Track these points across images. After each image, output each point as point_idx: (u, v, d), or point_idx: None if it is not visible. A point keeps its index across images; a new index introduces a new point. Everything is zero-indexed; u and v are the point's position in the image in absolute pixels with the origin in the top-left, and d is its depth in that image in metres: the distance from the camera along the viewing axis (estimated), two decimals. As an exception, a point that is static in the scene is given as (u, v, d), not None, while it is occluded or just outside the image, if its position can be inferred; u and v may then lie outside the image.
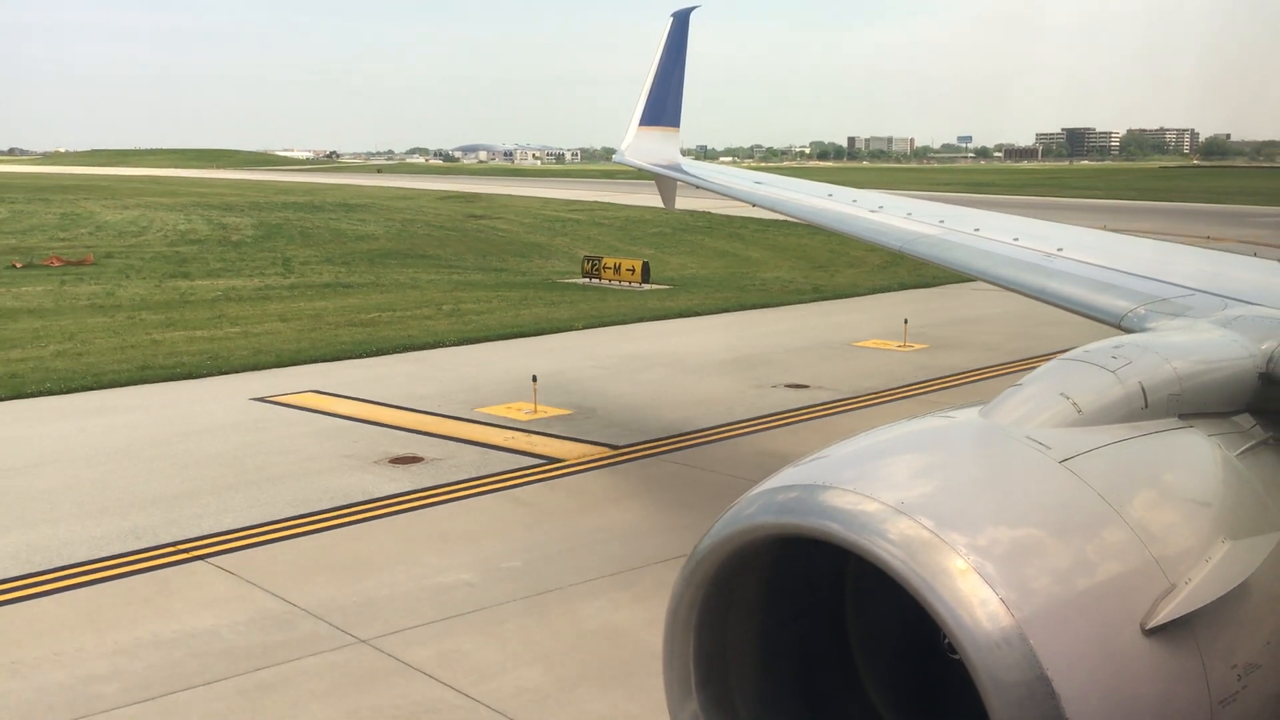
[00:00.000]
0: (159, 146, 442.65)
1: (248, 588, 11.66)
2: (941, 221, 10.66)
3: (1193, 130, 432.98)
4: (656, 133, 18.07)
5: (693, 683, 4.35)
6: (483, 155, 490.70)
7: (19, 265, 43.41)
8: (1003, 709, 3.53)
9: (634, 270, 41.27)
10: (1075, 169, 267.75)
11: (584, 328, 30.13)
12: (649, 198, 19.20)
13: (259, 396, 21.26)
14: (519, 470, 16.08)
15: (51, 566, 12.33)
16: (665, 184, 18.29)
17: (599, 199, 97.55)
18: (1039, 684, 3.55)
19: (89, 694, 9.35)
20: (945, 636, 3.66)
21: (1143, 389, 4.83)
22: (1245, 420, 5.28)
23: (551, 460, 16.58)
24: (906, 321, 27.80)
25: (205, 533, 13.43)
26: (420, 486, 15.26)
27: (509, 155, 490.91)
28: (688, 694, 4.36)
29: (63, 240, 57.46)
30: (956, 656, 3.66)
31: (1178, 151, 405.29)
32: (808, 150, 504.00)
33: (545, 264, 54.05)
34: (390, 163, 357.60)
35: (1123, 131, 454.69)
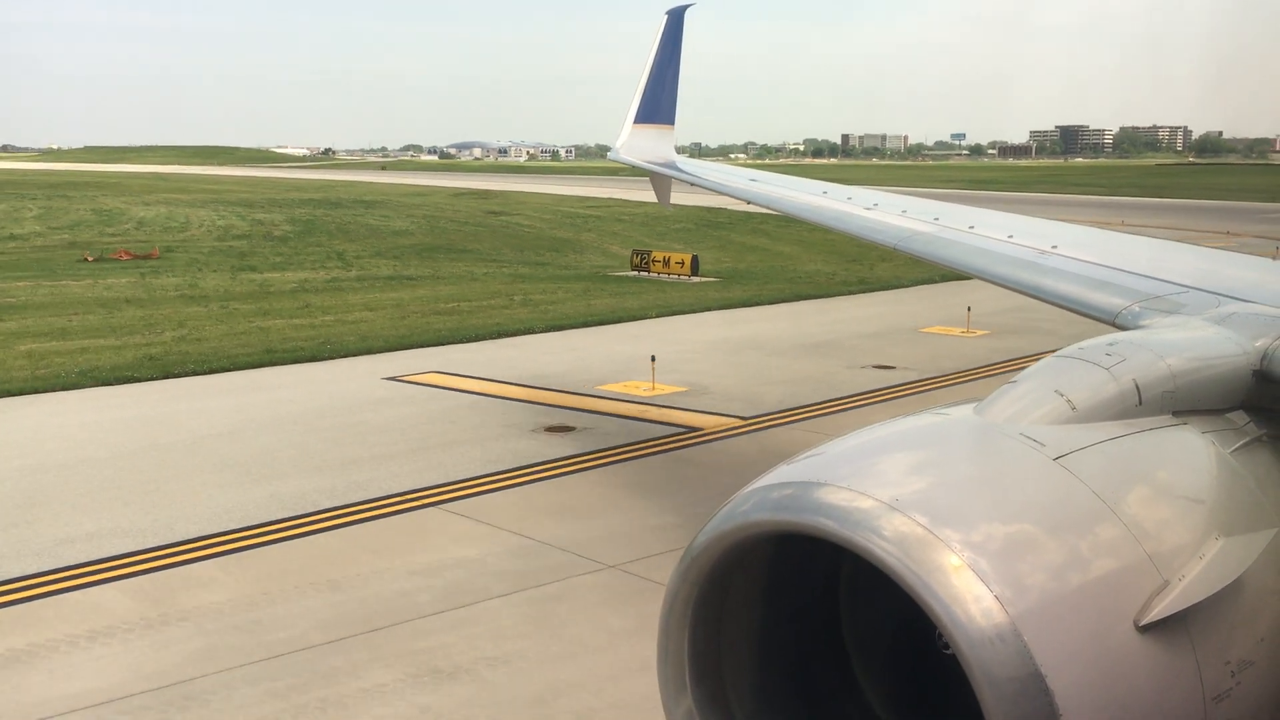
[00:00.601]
0: (152, 144, 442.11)
1: (487, 528, 13.55)
2: (936, 219, 10.70)
3: (1186, 128, 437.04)
4: (651, 130, 18.20)
5: (687, 679, 4.40)
6: (477, 153, 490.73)
7: (90, 259, 45.15)
8: (996, 705, 3.57)
9: (683, 263, 43.13)
10: (1071, 166, 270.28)
11: (657, 316, 32.02)
12: (682, 197, 20.22)
13: (390, 376, 23.10)
14: (669, 437, 17.96)
15: (306, 511, 14.20)
16: (660, 181, 18.59)
17: (611, 195, 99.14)
18: (1033, 680, 3.58)
19: (406, 603, 11.24)
20: (940, 633, 3.70)
21: (1137, 386, 4.86)
22: (1239, 417, 5.32)
23: (693, 429, 18.47)
24: (970, 309, 29.73)
25: (423, 485, 15.29)
26: (583, 450, 17.14)
27: (504, 153, 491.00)
28: (682, 690, 4.41)
29: (111, 235, 58.96)
30: (951, 653, 3.70)
31: (1170, 149, 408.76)
32: (802, 148, 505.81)
33: (581, 258, 55.80)
34: (392, 160, 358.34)
35: (1116, 129, 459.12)
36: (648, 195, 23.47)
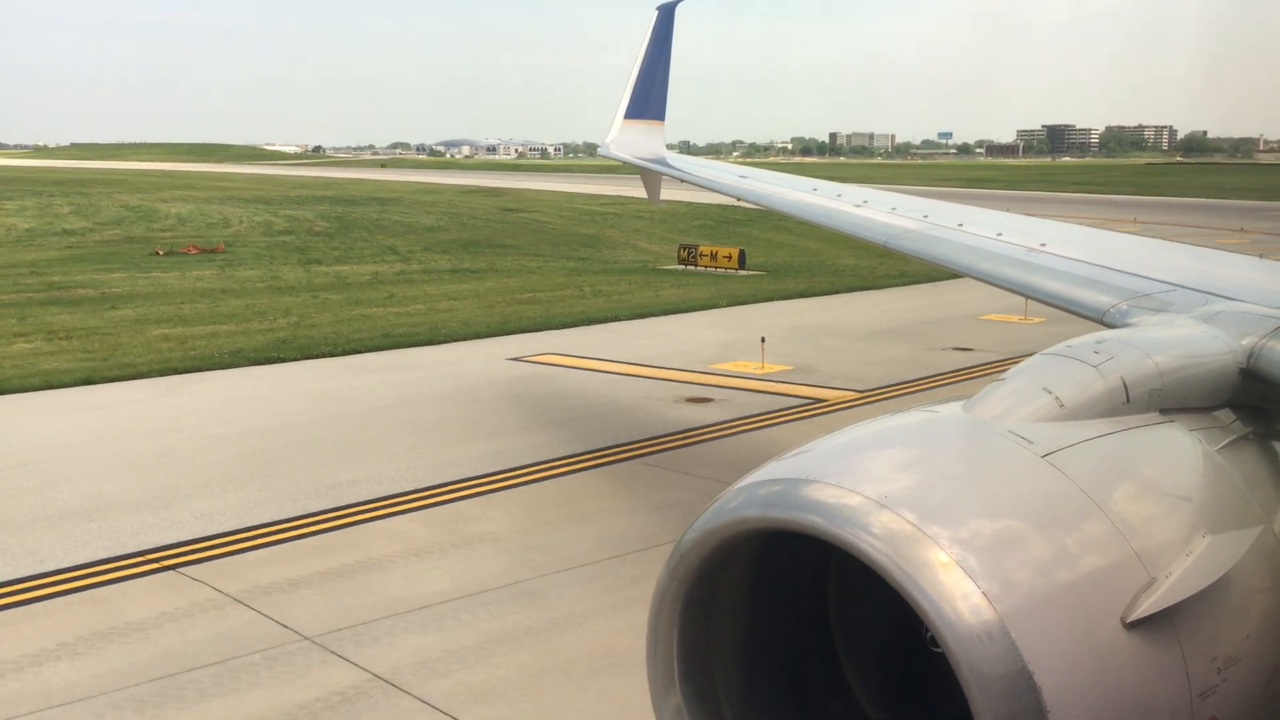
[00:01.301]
0: (138, 141, 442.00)
1: (685, 476, 15.77)
2: (925, 216, 10.71)
3: (1171, 127, 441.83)
4: (642, 126, 18.28)
5: (676, 675, 4.43)
6: (466, 150, 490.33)
7: (161, 253, 47.13)
8: (984, 702, 3.60)
9: (730, 257, 45.39)
10: (1061, 165, 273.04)
11: (727, 305, 34.26)
12: (672, 193, 21.63)
13: (513, 357, 25.27)
14: (799, 406, 20.20)
15: (523, 464, 16.38)
16: (650, 177, 18.74)
17: (620, 193, 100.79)
18: (1020, 677, 3.61)
19: (650, 531, 13.43)
20: (928, 629, 3.72)
21: (1124, 384, 4.90)
22: (1226, 415, 5.36)
23: (818, 400, 20.72)
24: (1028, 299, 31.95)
25: (612, 443, 17.48)
26: (732, 417, 19.34)
27: (492, 150, 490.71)
28: (671, 686, 4.44)
29: (162, 231, 60.79)
30: (939, 649, 3.73)
31: (1156, 148, 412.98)
32: (790, 146, 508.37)
33: (616, 254, 57.87)
34: (387, 158, 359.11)
35: (1102, 128, 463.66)
36: (688, 194, 25.13)
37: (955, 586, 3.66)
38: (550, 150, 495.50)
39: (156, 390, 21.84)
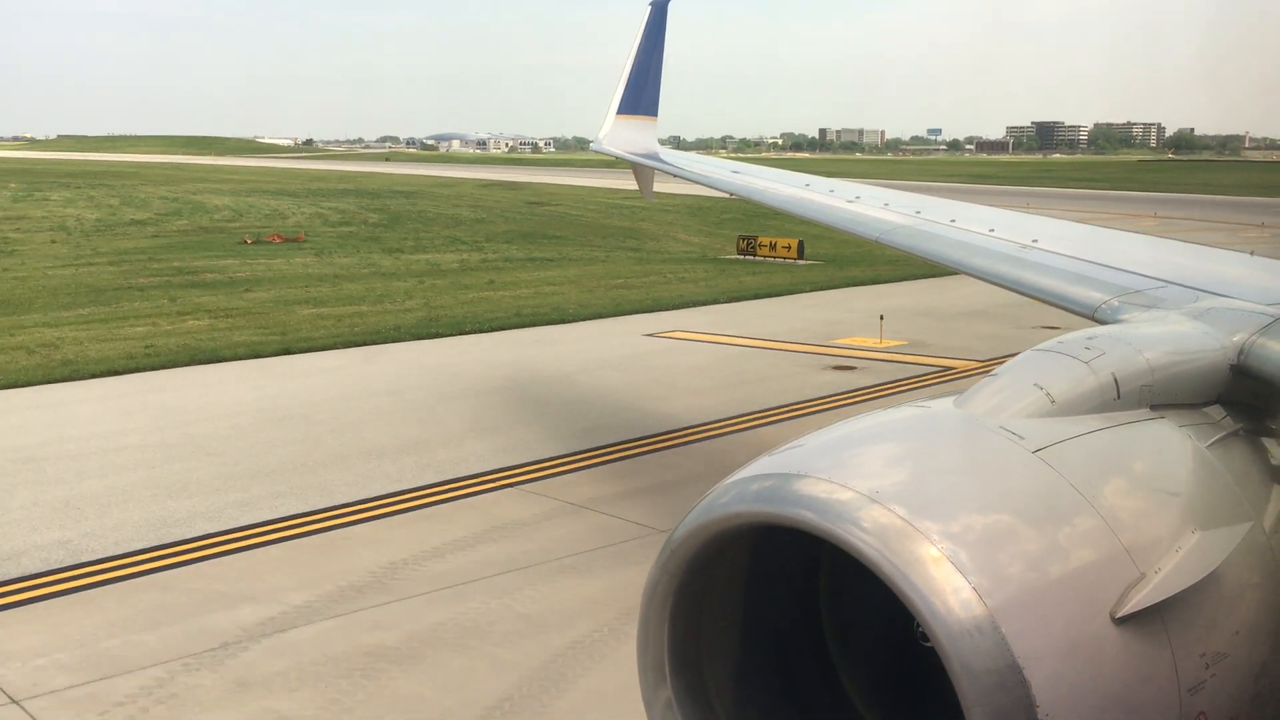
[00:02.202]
0: (127, 134, 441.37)
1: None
2: (918, 212, 10.77)
3: (1159, 124, 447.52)
4: (634, 122, 18.40)
5: (667, 670, 4.45)
6: (456, 144, 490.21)
7: (250, 241, 49.59)
8: (974, 697, 3.64)
9: (790, 247, 48.11)
10: (1054, 162, 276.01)
11: (810, 290, 37.05)
12: (689, 187, 22.66)
13: (648, 333, 27.99)
14: (933, 373, 22.96)
15: (722, 417, 19.13)
16: (643, 173, 18.96)
17: (633, 187, 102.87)
18: (1010, 672, 3.65)
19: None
20: (918, 624, 3.76)
21: (1115, 380, 4.93)
22: (1216, 411, 5.39)
23: (947, 368, 23.50)
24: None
25: (787, 403, 20.21)
26: (880, 381, 22.09)
27: (482, 144, 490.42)
28: (661, 681, 4.47)
29: (225, 223, 62.93)
30: (929, 644, 3.76)
31: (1144, 145, 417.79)
32: (780, 141, 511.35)
33: (663, 245, 59.95)
34: (393, 150, 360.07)
35: (1090, 125, 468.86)
36: (680, 187, 26.95)
37: (946, 581, 3.70)
38: (541, 144, 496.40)
39: (354, 359, 24.46)
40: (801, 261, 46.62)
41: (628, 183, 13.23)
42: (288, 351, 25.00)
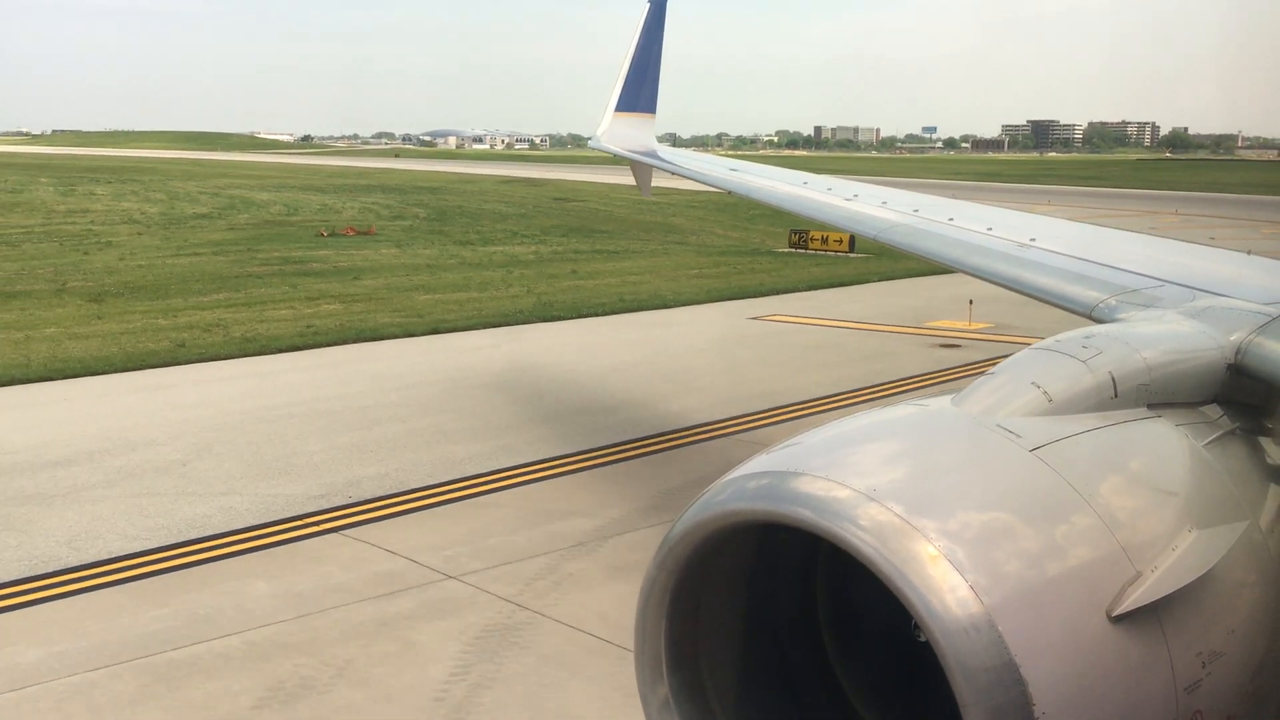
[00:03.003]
0: (124, 129, 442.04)
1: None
2: (916, 210, 10.77)
3: (1153, 124, 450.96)
4: (633, 119, 18.41)
5: (664, 667, 4.49)
6: (452, 141, 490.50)
7: (325, 234, 51.89)
8: (971, 695, 3.65)
9: (841, 240, 50.46)
10: (1052, 160, 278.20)
11: (879, 280, 39.57)
12: (684, 184, 23.80)
13: (753, 316, 30.45)
14: (1034, 350, 25.45)
15: (861, 386, 21.60)
16: (641, 170, 18.99)
17: (677, 185, 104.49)
18: (1007, 670, 3.67)
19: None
20: (915, 622, 3.77)
21: (1113, 379, 4.96)
22: (1213, 411, 5.42)
23: (1044, 346, 25.99)
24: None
25: (915, 373, 22.66)
26: (990, 357, 24.52)
27: (478, 140, 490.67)
28: (659, 678, 4.50)
29: (285, 217, 64.94)
30: (926, 642, 3.77)
31: (1138, 144, 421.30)
32: (776, 139, 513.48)
33: (704, 240, 62.00)
34: (402, 147, 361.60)
35: (1085, 124, 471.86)
36: (676, 184, 28.03)
37: (943, 579, 3.72)
38: (536, 141, 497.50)
39: (500, 338, 26.86)
40: (854, 255, 49.02)
41: (659, 180, 15.54)
42: (435, 331, 27.38)
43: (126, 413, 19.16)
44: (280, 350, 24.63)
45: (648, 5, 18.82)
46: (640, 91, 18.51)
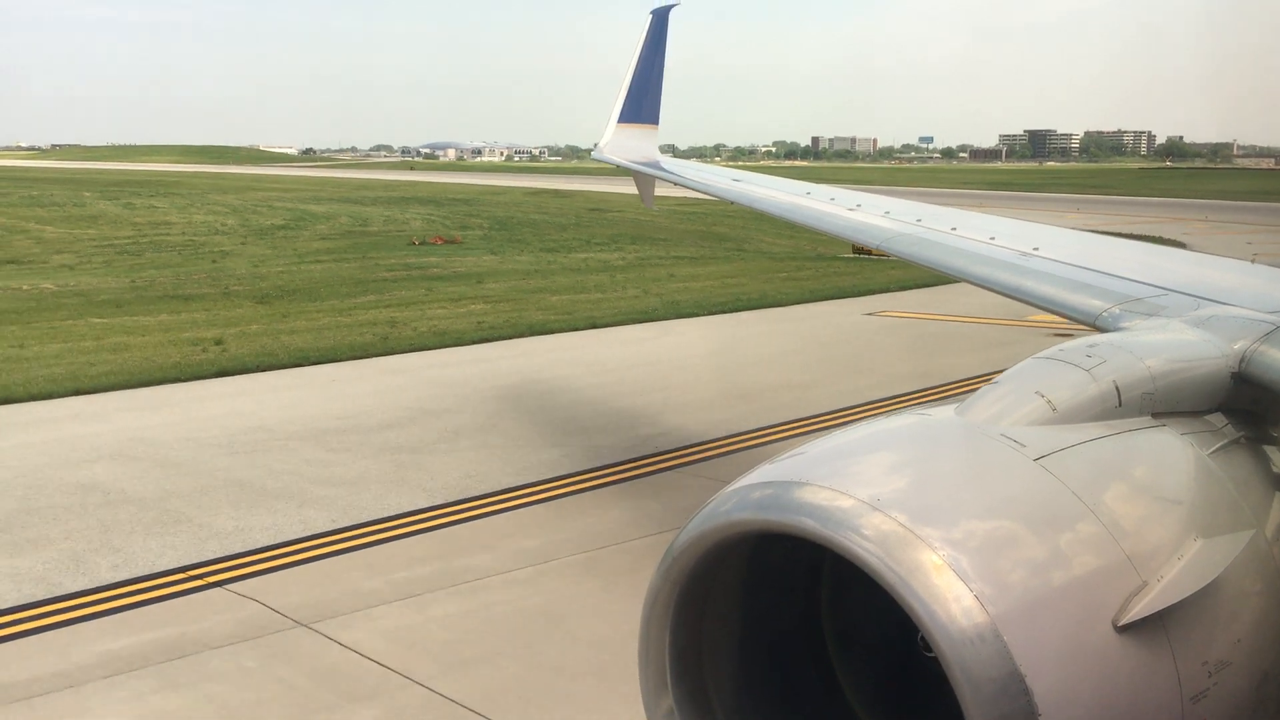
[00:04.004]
0: (118, 143, 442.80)
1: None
2: (919, 220, 10.87)
3: (1150, 132, 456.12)
4: (636, 130, 18.46)
5: (668, 678, 4.54)
6: (451, 153, 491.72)
7: (416, 242, 54.77)
8: (976, 705, 3.68)
9: (903, 247, 53.65)
10: (1055, 169, 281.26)
11: (954, 282, 42.53)
12: (680, 193, 24.38)
13: (867, 313, 33.50)
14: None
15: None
16: (644, 181, 19.07)
17: (667, 193, 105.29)
18: (1012, 680, 3.70)
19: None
20: (920, 632, 3.80)
21: (1117, 388, 4.98)
22: (1218, 419, 5.43)
23: (1147, 335, 29.10)
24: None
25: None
26: (1103, 344, 27.63)
27: (477, 153, 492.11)
28: (663, 689, 4.55)
29: (351, 227, 67.39)
30: (932, 654, 3.79)
31: (1134, 153, 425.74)
32: (774, 149, 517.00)
33: (760, 246, 63.73)
34: (416, 160, 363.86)
35: (1081, 133, 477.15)
36: (672, 193, 28.28)
37: (947, 589, 3.75)
38: (535, 153, 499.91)
39: (652, 332, 29.75)
40: (916, 259, 52.02)
41: (681, 191, 17.12)
42: (593, 326, 30.32)
43: (402, 388, 22.15)
44: (474, 342, 27.57)
45: (650, 16, 18.97)
46: (643, 102, 18.62)
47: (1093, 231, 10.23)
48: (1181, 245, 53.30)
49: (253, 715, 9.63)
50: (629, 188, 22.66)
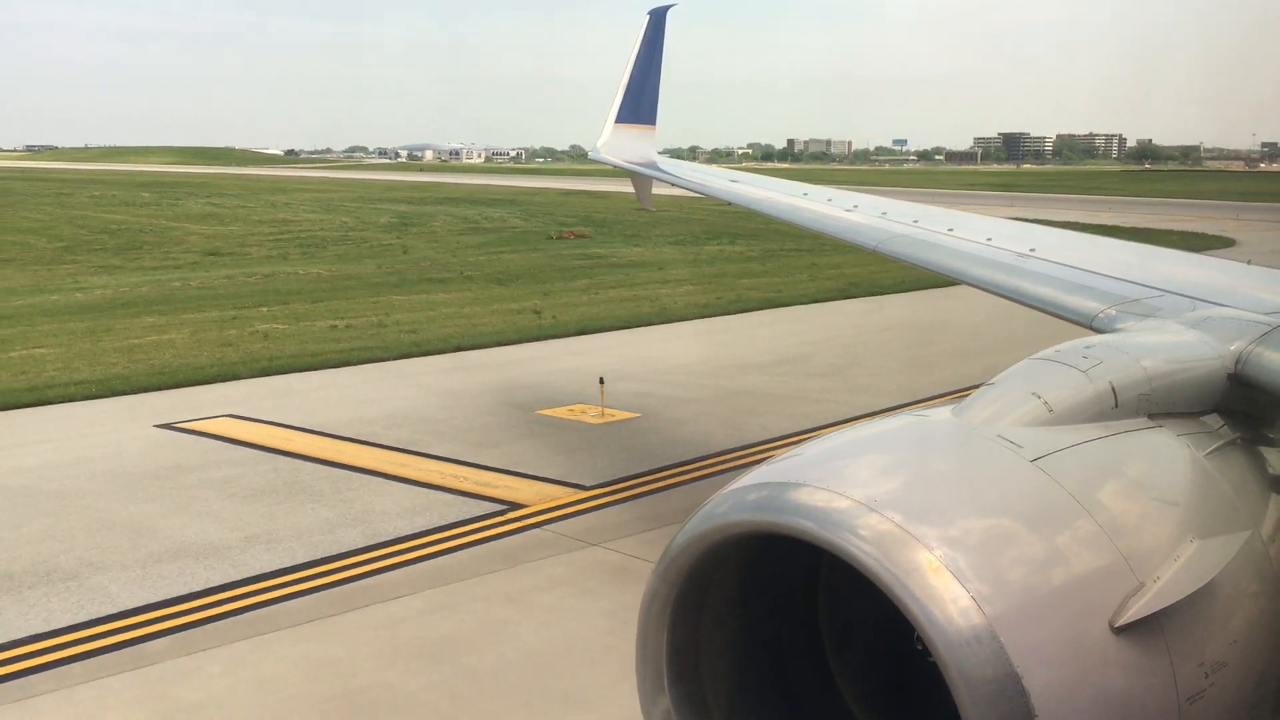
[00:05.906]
0: (104, 144, 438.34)
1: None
2: (916, 221, 10.86)
3: (1121, 135, 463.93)
4: (633, 130, 18.30)
5: (665, 679, 4.54)
6: (430, 155, 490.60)
7: (554, 237, 60.04)
8: (973, 706, 3.68)
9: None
10: (1031, 171, 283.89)
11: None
12: (672, 192, 25.12)
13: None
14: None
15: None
16: (641, 182, 19.08)
17: (665, 192, 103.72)
18: (1009, 681, 3.71)
19: None
20: (917, 633, 3.79)
21: (1113, 389, 4.99)
22: (1214, 420, 5.44)
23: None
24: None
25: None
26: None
27: (455, 155, 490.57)
28: (660, 690, 4.56)
29: (466, 225, 70.08)
30: (927, 652, 3.80)
31: (1106, 155, 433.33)
32: (749, 151, 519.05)
33: (811, 243, 70.13)
34: (423, 161, 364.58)
35: (1054, 136, 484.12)
36: (664, 192, 30.63)
37: (944, 590, 3.77)
38: (511, 154, 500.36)
39: (870, 306, 35.86)
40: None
41: (673, 191, 17.89)
42: (815, 301, 36.23)
43: (750, 340, 28.34)
44: (740, 311, 33.26)
45: (648, 16, 18.86)
46: (640, 103, 18.48)
47: (1134, 230, 14.20)
48: (1232, 242, 57.89)
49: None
50: (628, 187, 23.46)
